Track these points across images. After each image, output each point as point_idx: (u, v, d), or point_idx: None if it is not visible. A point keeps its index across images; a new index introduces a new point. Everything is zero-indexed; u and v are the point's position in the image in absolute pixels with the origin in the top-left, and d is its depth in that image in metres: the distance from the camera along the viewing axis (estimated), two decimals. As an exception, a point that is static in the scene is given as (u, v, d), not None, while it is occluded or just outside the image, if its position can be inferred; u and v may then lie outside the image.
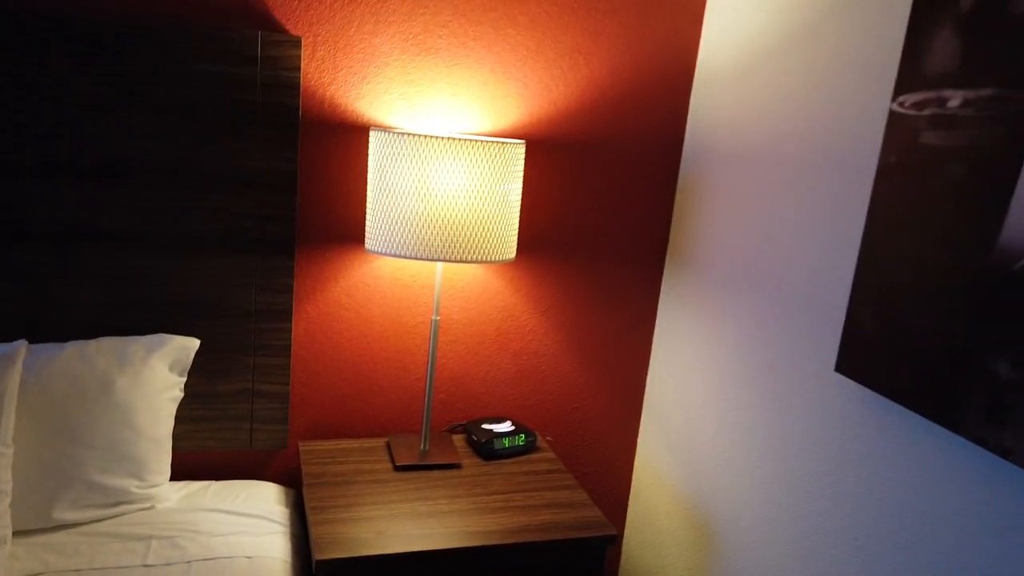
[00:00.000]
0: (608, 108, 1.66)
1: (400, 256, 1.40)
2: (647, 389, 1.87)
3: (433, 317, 1.54)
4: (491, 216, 1.40)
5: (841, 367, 1.20)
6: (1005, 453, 0.92)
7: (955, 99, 1.01)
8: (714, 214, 1.62)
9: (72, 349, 1.34)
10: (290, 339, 1.55)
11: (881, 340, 1.12)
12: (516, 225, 1.47)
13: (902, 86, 1.10)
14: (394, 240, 1.40)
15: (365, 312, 1.63)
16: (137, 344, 1.39)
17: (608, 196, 1.71)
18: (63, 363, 1.31)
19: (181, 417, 1.48)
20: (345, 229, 1.58)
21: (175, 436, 1.45)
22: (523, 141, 1.48)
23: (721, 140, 1.60)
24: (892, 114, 1.11)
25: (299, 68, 1.42)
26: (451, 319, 1.69)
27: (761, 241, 1.46)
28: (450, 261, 1.40)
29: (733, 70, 1.55)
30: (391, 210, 1.39)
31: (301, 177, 1.52)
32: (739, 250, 1.53)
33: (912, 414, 1.11)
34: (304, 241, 1.56)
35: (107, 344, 1.37)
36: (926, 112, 1.06)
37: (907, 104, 1.09)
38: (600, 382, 1.83)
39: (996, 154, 0.95)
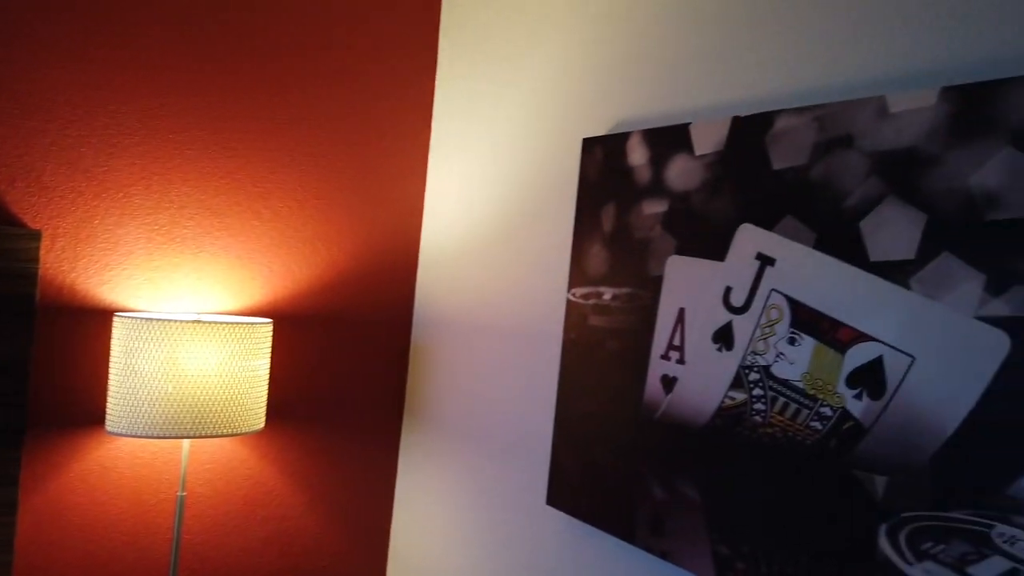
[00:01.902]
0: (347, 286, 1.88)
1: (146, 436, 1.43)
2: (392, 539, 2.01)
3: (179, 493, 1.56)
4: (239, 391, 1.51)
5: (551, 500, 1.48)
6: (664, 555, 1.24)
7: (608, 293, 1.40)
8: (443, 376, 1.88)
9: None
10: (13, 534, 1.46)
11: (578, 476, 1.42)
12: (264, 397, 1.59)
13: (573, 281, 1.47)
14: (139, 421, 1.43)
15: (102, 496, 1.59)
16: None
17: (350, 363, 1.90)
18: None
19: None
20: (82, 413, 1.56)
21: None
22: (270, 320, 1.63)
23: (445, 313, 1.89)
24: (569, 302, 1.48)
25: (37, 259, 1.45)
26: (197, 493, 1.71)
27: (482, 397, 1.74)
28: (198, 437, 1.47)
29: (451, 257, 1.88)
30: (136, 391, 1.44)
31: (36, 363, 1.50)
32: (465, 406, 1.80)
33: (604, 534, 1.41)
34: (36, 428, 1.51)
35: None
36: (591, 302, 1.43)
37: (578, 295, 1.46)
38: (347, 537, 1.93)
39: (635, 335, 1.33)
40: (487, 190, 1.77)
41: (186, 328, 1.45)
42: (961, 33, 0.96)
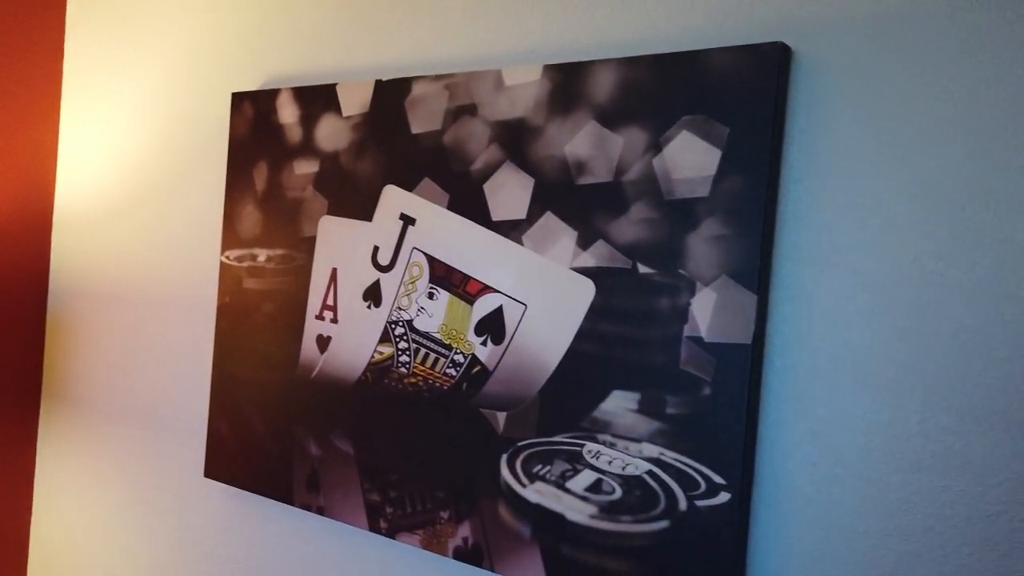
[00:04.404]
0: (-47, 253, 1.59)
1: None
2: (32, 541, 1.77)
3: None
4: None
5: (209, 472, 1.42)
6: (321, 511, 1.27)
7: (262, 255, 1.36)
8: (90, 351, 1.69)
9: None
10: None
11: (236, 444, 1.38)
12: None
13: (227, 243, 1.41)
14: None
15: None
16: None
17: (-39, 343, 1.62)
18: None
19: None
20: None
21: None
22: None
23: (88, 281, 1.70)
24: (223, 264, 1.41)
25: None
26: None
27: (134, 371, 1.60)
28: None
29: (93, 218, 1.68)
30: None
31: None
32: (115, 382, 1.64)
33: (264, 499, 1.39)
34: None
35: None
36: (245, 264, 1.39)
37: (232, 257, 1.40)
38: (-30, 545, 1.66)
39: (291, 296, 1.32)
40: (132, 145, 1.61)
41: None
42: (561, 17, 1.09)
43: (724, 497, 0.91)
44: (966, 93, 0.81)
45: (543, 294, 1.05)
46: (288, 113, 1.33)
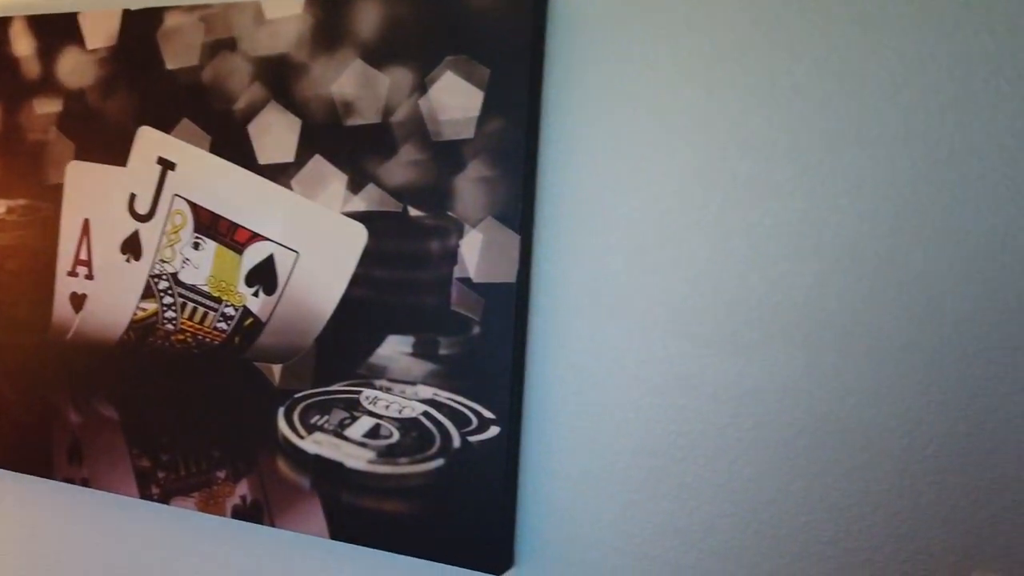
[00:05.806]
0: None
1: None
2: None
3: None
4: None
5: (-49, 453, 1.26)
6: (86, 483, 1.17)
7: (1, 207, 1.21)
8: None
9: None
10: None
11: (-18, 419, 1.24)
12: None
13: (-44, 193, 1.23)
14: None
15: None
16: None
17: None
18: None
19: None
20: None
21: None
22: None
23: None
24: (-47, 218, 1.24)
25: None
26: None
27: None
28: None
29: None
30: None
31: None
32: None
33: (21, 475, 1.26)
34: None
35: None
36: (-20, 216, 1.22)
37: (-36, 209, 1.23)
38: None
39: (37, 252, 1.18)
40: None
41: None
42: (326, -50, 1.03)
43: (495, 431, 0.94)
44: (702, 39, 0.87)
45: (315, 241, 1.02)
46: (24, 45, 1.17)
